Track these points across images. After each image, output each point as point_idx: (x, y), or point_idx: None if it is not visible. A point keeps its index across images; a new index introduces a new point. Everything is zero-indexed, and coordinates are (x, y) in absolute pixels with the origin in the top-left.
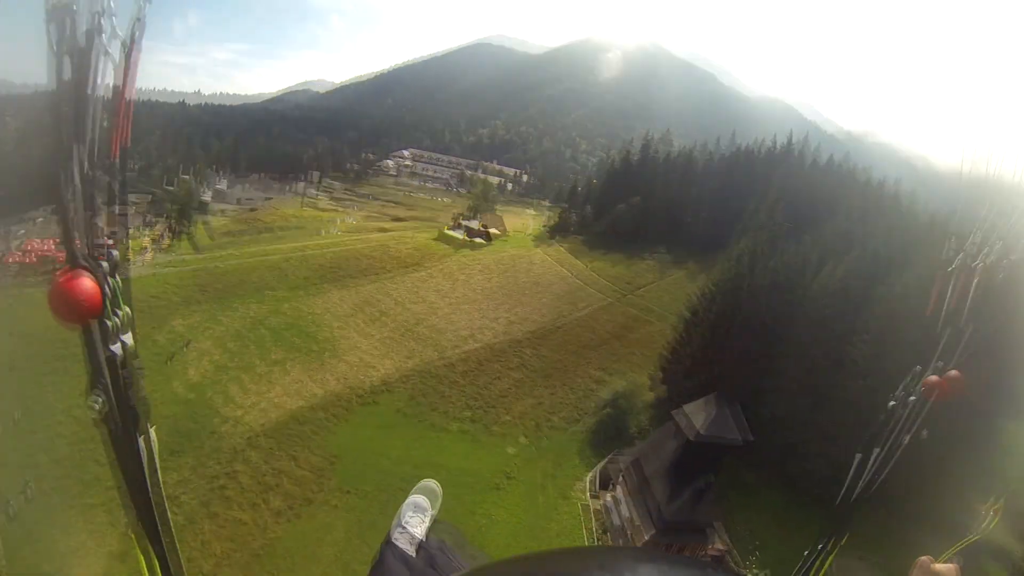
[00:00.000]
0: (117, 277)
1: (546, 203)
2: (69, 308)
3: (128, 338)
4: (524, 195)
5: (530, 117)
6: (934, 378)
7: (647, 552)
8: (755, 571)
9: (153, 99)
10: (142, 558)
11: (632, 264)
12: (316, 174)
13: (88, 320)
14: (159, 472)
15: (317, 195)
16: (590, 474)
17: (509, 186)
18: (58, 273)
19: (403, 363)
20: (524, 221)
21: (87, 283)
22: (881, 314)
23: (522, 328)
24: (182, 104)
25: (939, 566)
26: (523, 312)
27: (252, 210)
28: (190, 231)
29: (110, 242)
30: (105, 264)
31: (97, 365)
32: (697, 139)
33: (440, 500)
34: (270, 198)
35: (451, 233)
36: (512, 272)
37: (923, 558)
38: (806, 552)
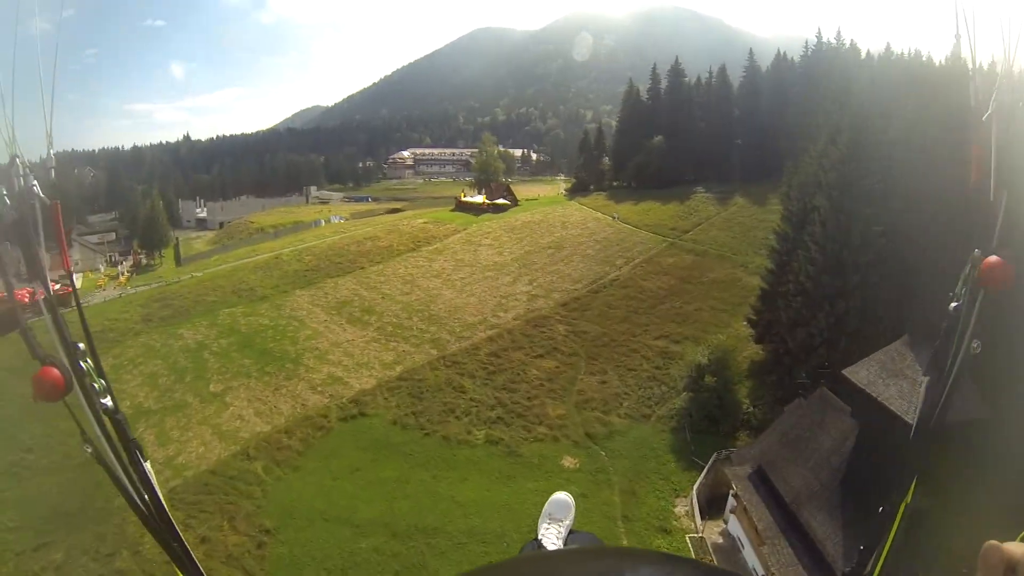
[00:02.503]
0: (88, 360)
1: (560, 177)
2: (44, 393)
3: (108, 400)
4: (536, 173)
5: (530, 98)
6: (993, 258)
7: (648, 552)
8: None
9: (148, 152)
10: (172, 561)
11: (669, 209)
12: (311, 188)
13: (61, 396)
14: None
15: (309, 203)
16: (693, 489)
17: (518, 166)
18: (34, 373)
19: (386, 371)
20: (538, 192)
21: (52, 373)
22: None
23: (549, 301)
24: (175, 149)
25: (1012, 546)
26: (548, 281)
27: (222, 224)
28: (155, 260)
29: (77, 344)
30: (83, 347)
31: (94, 415)
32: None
33: (574, 511)
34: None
35: (468, 200)
36: (529, 239)
37: (990, 543)
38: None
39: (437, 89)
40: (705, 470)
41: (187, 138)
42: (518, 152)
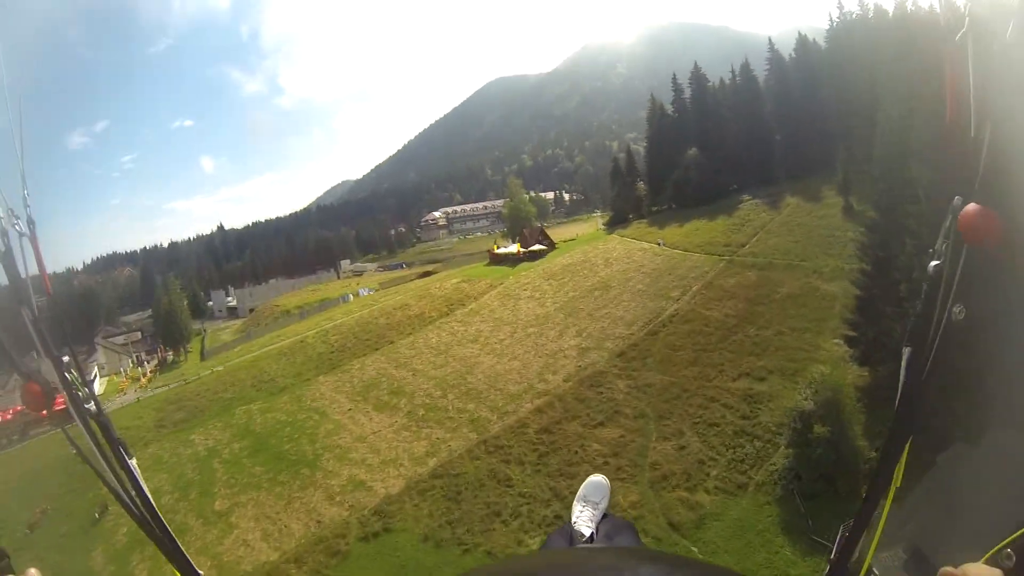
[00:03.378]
0: (74, 372)
1: (597, 213)
2: (30, 404)
3: (92, 404)
4: (571, 213)
5: (554, 139)
6: (972, 207)
7: (649, 553)
8: None
9: (183, 247)
10: (160, 553)
11: (718, 225)
12: (342, 262)
13: (44, 406)
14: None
15: (341, 278)
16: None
17: (552, 209)
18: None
19: (417, 467)
20: (575, 231)
21: (33, 388)
22: None
23: (603, 352)
24: (210, 240)
25: (971, 568)
26: (598, 329)
27: (251, 311)
28: (180, 356)
29: (62, 357)
30: (67, 358)
31: (80, 418)
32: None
33: (609, 495)
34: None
35: (502, 251)
36: (572, 283)
37: (945, 569)
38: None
39: (460, 146)
40: (833, 552)
41: (220, 228)
42: (550, 195)
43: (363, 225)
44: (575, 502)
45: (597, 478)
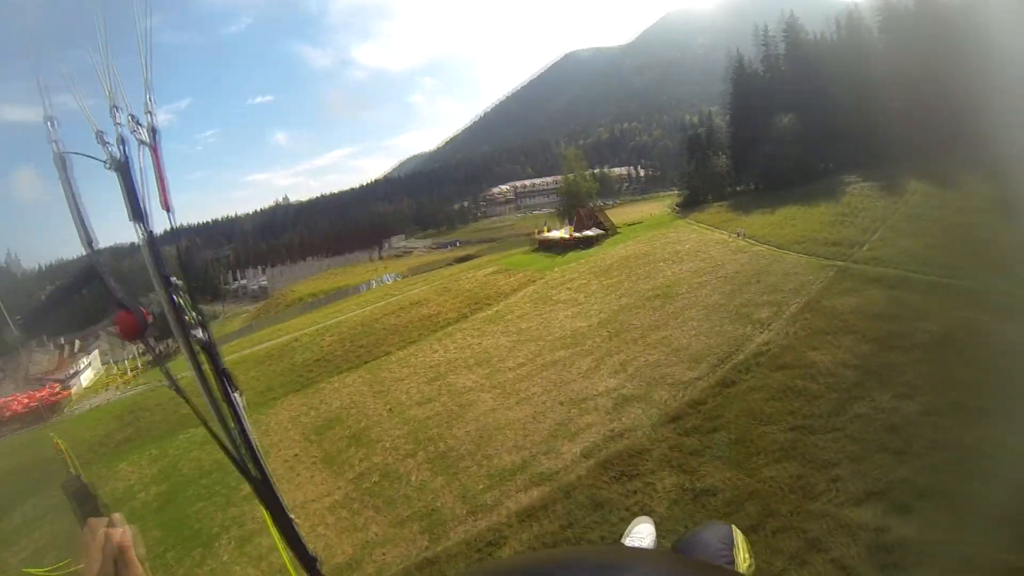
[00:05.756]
0: (182, 294)
1: (673, 191)
2: (127, 332)
3: (201, 332)
4: (645, 190)
5: (631, 112)
6: None
7: (649, 552)
8: None
9: (240, 222)
10: (255, 494)
11: (819, 213)
12: (392, 239)
13: (137, 336)
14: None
15: (383, 257)
16: None
17: (625, 186)
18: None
19: None
20: (647, 211)
21: (126, 316)
22: None
23: (650, 410)
24: (272, 213)
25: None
26: (651, 363)
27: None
28: (172, 352)
29: (172, 279)
30: (178, 281)
31: (186, 346)
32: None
33: (654, 537)
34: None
35: (548, 236)
36: (626, 284)
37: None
38: None
39: (535, 119)
40: None
41: (285, 199)
42: (623, 170)
43: (424, 200)
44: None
45: (643, 520)
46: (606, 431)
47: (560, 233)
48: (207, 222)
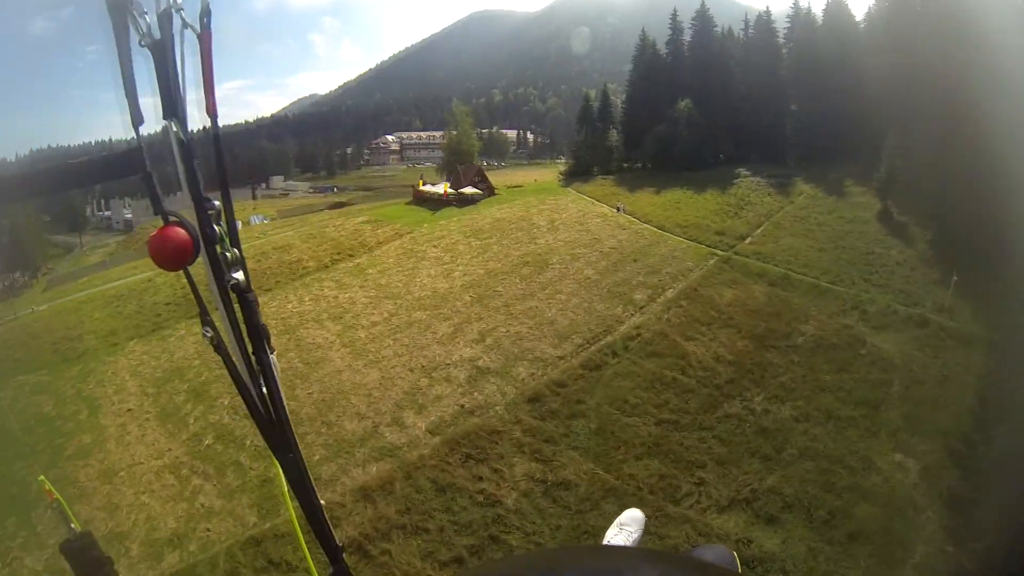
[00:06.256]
0: (223, 223)
1: (560, 160)
2: (165, 257)
3: (240, 274)
4: (534, 156)
5: (529, 78)
6: None
7: (648, 552)
8: None
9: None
10: (277, 463)
11: (708, 200)
12: (278, 178)
13: (182, 265)
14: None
15: (258, 199)
16: None
17: (514, 149)
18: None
19: (146, 568)
20: (531, 177)
21: (178, 234)
22: None
23: (507, 387)
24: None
25: None
26: (514, 335)
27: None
28: (37, 280)
29: (211, 200)
30: (211, 212)
31: (221, 291)
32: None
33: (643, 528)
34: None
35: (426, 189)
36: (497, 247)
37: None
38: None
39: (433, 74)
40: None
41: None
42: (512, 133)
43: (307, 142)
44: (611, 527)
45: (635, 511)
46: (457, 406)
47: (437, 189)
48: (76, 145)
